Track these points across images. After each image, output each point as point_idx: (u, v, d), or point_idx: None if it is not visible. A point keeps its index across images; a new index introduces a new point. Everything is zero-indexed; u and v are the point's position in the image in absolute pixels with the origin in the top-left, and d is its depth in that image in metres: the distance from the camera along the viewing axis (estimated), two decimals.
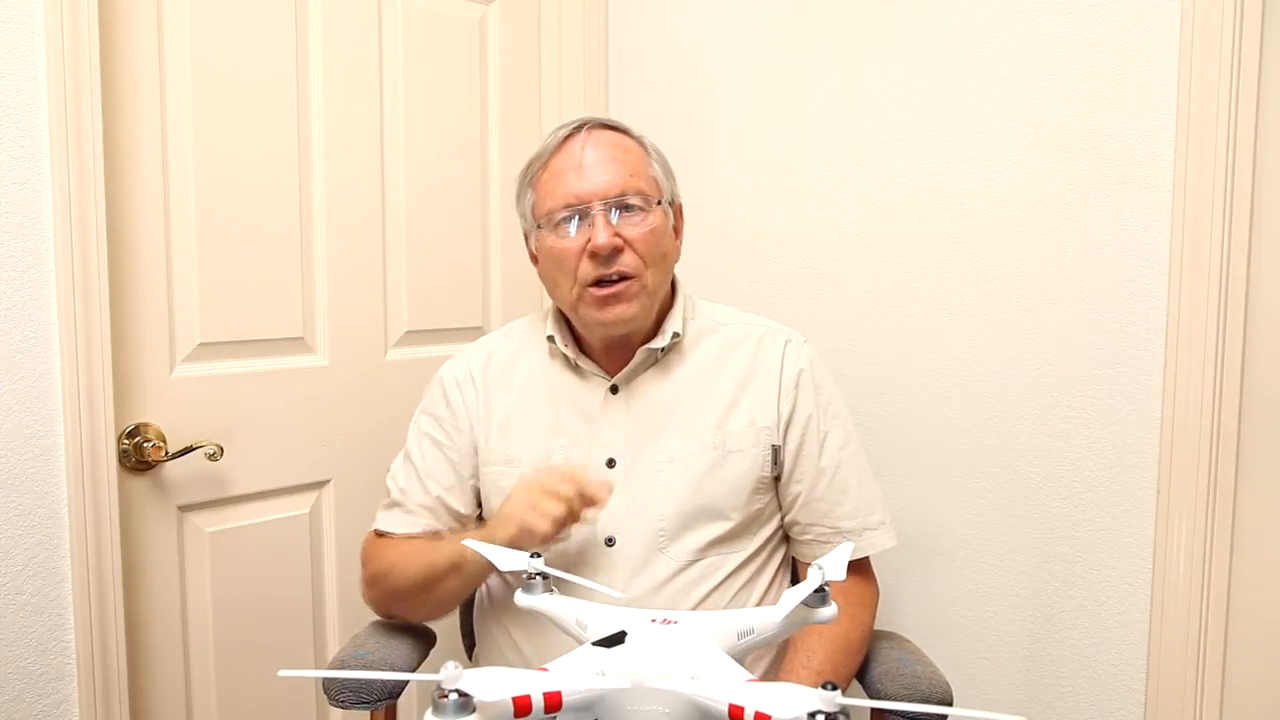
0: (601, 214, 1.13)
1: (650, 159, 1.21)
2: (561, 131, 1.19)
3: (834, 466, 1.20)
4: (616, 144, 1.18)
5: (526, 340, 1.28)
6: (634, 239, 1.14)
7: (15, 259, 1.21)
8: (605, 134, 1.19)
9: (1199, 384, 1.33)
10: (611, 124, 1.21)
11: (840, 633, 1.15)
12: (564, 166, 1.16)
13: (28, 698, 1.25)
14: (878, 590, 1.26)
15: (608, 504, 1.09)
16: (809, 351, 1.24)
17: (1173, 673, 1.38)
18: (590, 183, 1.14)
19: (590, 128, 1.18)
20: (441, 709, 0.60)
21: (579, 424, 1.20)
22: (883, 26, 1.57)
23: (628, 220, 1.14)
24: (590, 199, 1.14)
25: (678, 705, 0.67)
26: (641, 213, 1.15)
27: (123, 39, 1.32)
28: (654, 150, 1.22)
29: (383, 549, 1.23)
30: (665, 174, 1.22)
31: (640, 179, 1.17)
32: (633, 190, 1.15)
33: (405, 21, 1.64)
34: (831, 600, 0.79)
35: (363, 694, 1.13)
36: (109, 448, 1.29)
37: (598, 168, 1.15)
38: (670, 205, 1.22)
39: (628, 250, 1.14)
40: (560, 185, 1.16)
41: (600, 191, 1.14)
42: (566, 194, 1.15)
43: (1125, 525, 1.42)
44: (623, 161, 1.16)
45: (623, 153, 1.17)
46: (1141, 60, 1.36)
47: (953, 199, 1.52)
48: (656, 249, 1.16)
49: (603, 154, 1.16)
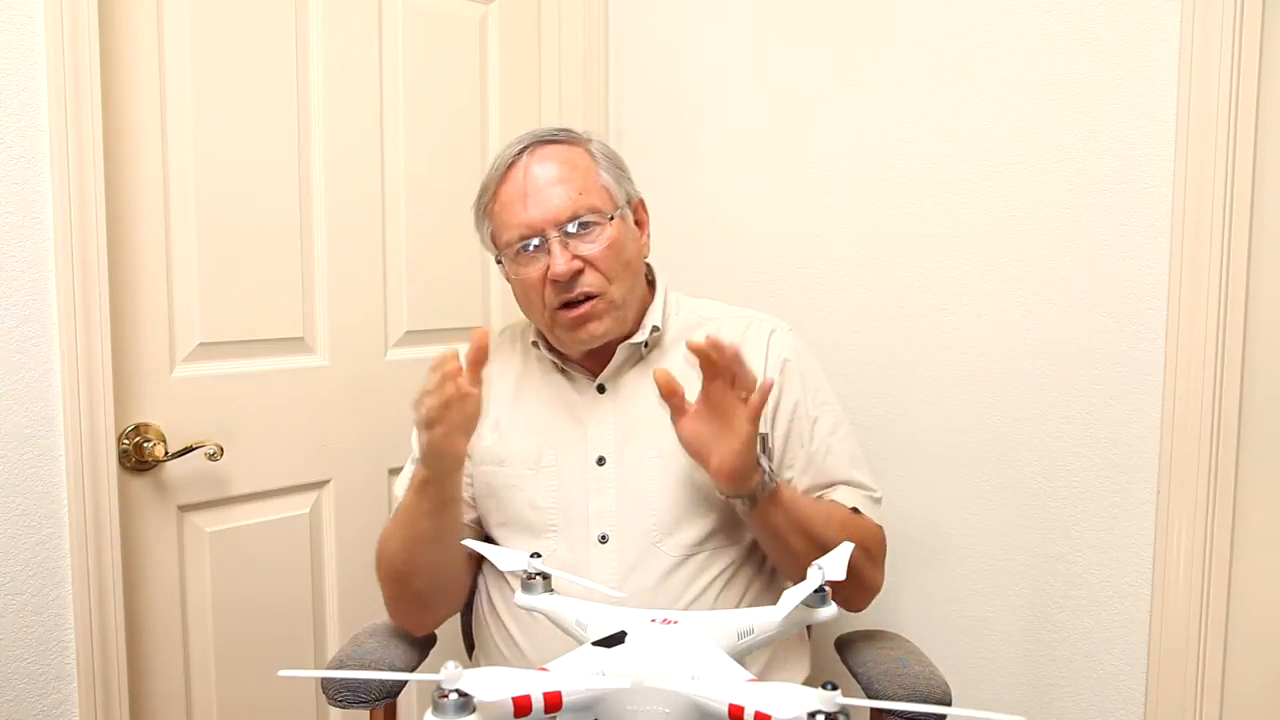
0: (557, 240, 1.12)
1: (598, 167, 1.18)
2: (505, 155, 1.17)
3: (824, 451, 1.21)
4: (563, 160, 1.16)
5: (513, 345, 1.30)
6: (594, 257, 1.13)
7: (15, 259, 1.21)
8: (549, 150, 1.16)
9: (1199, 384, 1.33)
10: (554, 137, 1.18)
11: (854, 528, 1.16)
12: (512, 196, 1.15)
13: (28, 698, 1.24)
14: (885, 541, 1.24)
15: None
16: (794, 339, 1.25)
17: (1173, 673, 1.38)
18: (541, 209, 1.13)
19: (533, 149, 1.16)
20: (441, 709, 0.60)
21: (568, 424, 1.20)
22: (883, 25, 1.57)
23: (585, 239, 1.14)
24: (543, 227, 1.13)
25: (678, 705, 0.67)
26: (598, 228, 1.14)
27: (123, 39, 1.32)
28: (602, 154, 1.20)
29: (379, 542, 1.22)
30: (617, 178, 1.19)
31: (591, 194, 1.15)
32: (584, 209, 1.14)
33: (405, 21, 1.64)
34: (831, 600, 0.79)
35: (361, 694, 1.13)
36: (109, 448, 1.29)
37: (546, 192, 1.13)
38: (628, 206, 1.20)
39: (588, 270, 1.14)
40: (512, 216, 1.15)
41: (551, 217, 1.13)
42: (519, 225, 1.14)
43: (1125, 525, 1.42)
44: (570, 180, 1.14)
45: (569, 170, 1.15)
46: (1141, 60, 1.36)
47: (952, 199, 1.52)
48: (618, 261, 1.16)
49: (550, 174, 1.14)
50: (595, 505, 1.17)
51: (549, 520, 1.18)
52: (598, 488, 1.18)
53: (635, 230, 1.22)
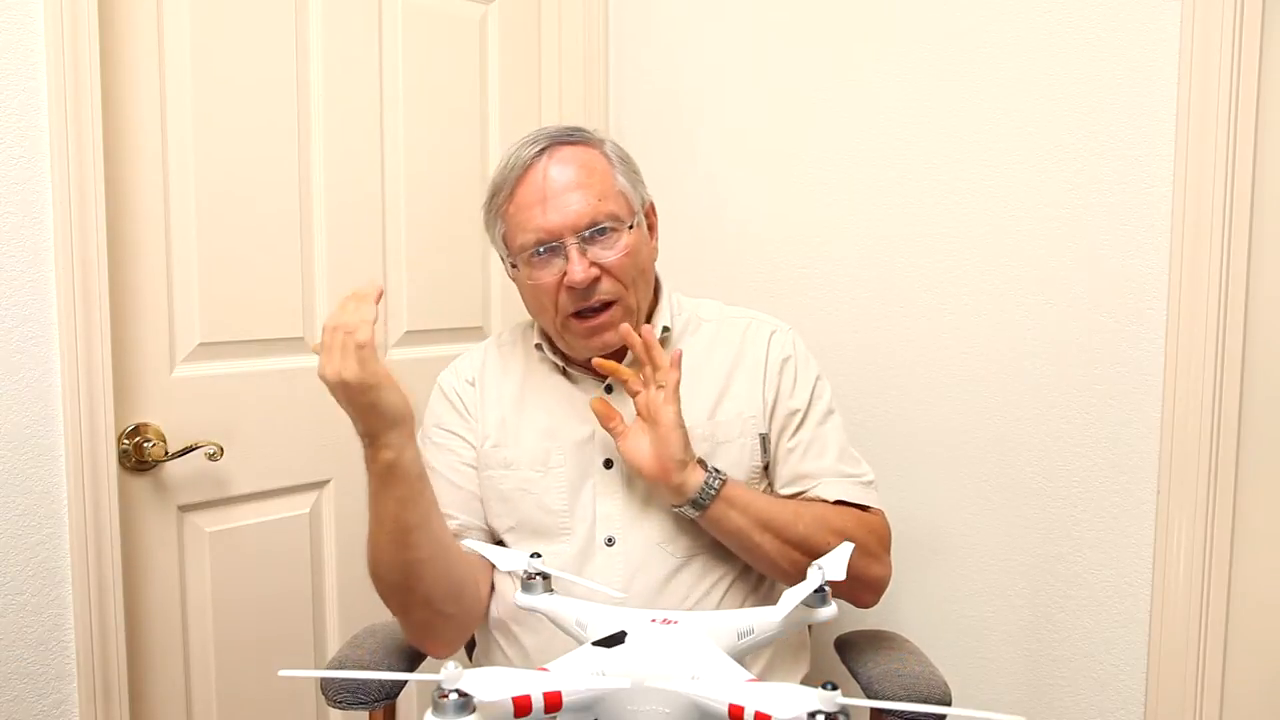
0: (575, 247, 1.11)
1: (615, 170, 1.16)
2: (522, 154, 1.14)
3: (810, 439, 1.21)
4: (581, 163, 1.14)
5: (516, 347, 1.28)
6: (611, 265, 1.12)
7: (15, 259, 1.21)
8: (567, 152, 1.14)
9: (1199, 384, 1.33)
10: (571, 137, 1.16)
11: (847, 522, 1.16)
12: (530, 199, 1.12)
13: (28, 698, 1.25)
14: (888, 526, 1.22)
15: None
16: (794, 339, 1.25)
17: (1173, 673, 1.38)
18: (560, 214, 1.11)
19: (551, 150, 1.14)
20: (441, 709, 0.60)
21: (576, 426, 1.19)
22: (883, 25, 1.57)
23: (602, 245, 1.12)
24: (562, 233, 1.11)
25: (678, 705, 0.67)
26: (615, 234, 1.13)
27: (123, 39, 1.32)
28: (617, 156, 1.18)
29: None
30: (633, 182, 1.18)
31: (609, 200, 1.13)
32: (604, 215, 1.12)
33: (405, 21, 1.64)
34: (831, 600, 0.79)
35: (361, 694, 1.13)
36: (109, 448, 1.29)
37: (566, 197, 1.11)
38: (642, 212, 1.19)
39: (605, 277, 1.12)
40: (529, 219, 1.12)
41: (570, 224, 1.11)
42: (537, 229, 1.12)
43: (1125, 525, 1.42)
44: (589, 185, 1.12)
45: (588, 174, 1.13)
46: (1141, 60, 1.36)
47: (952, 199, 1.52)
48: (634, 268, 1.15)
49: (569, 178, 1.12)
50: (603, 508, 1.17)
51: (560, 523, 1.17)
52: (605, 490, 1.17)
53: (647, 235, 1.21)
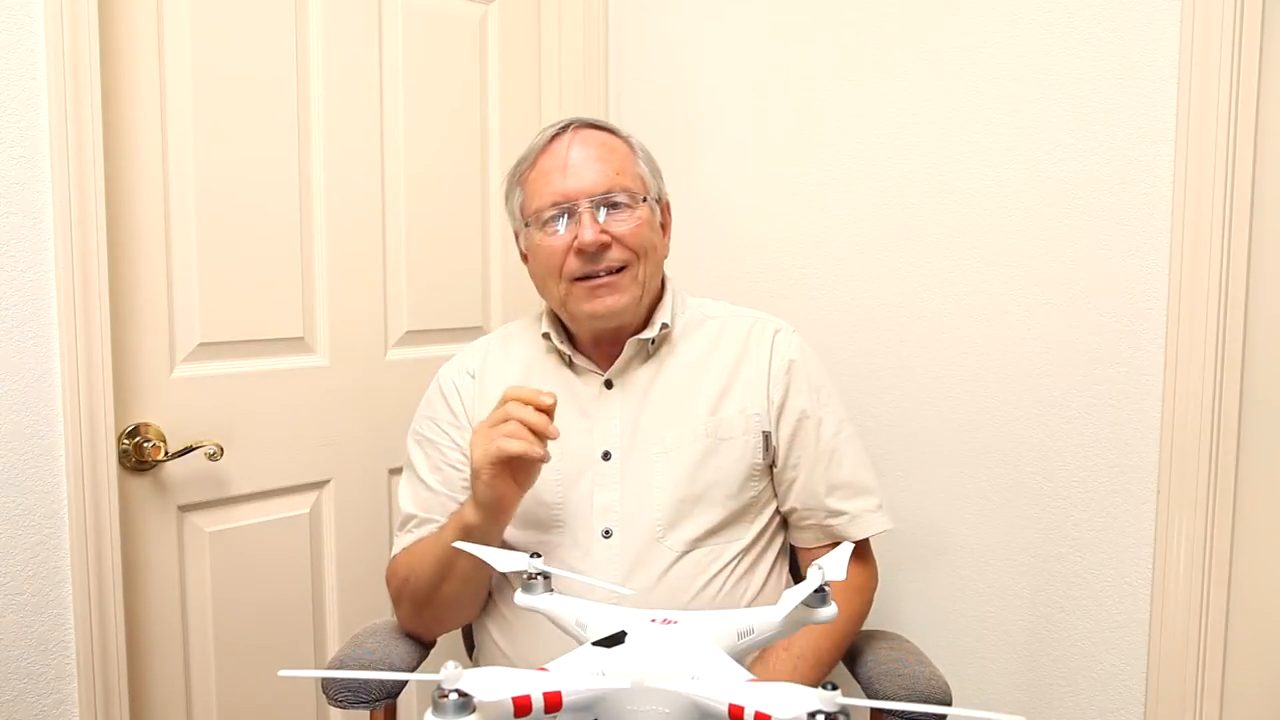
0: (588, 211, 1.15)
1: (637, 157, 1.22)
2: (549, 131, 1.21)
3: (829, 452, 1.22)
4: (603, 143, 1.20)
5: (520, 340, 1.30)
6: (622, 234, 1.16)
7: (15, 259, 1.21)
8: (592, 133, 1.21)
9: (1199, 384, 1.33)
10: (598, 124, 1.23)
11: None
12: (551, 166, 1.18)
13: (28, 698, 1.24)
14: (876, 575, 1.26)
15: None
16: (798, 341, 1.26)
17: (1173, 673, 1.38)
18: (577, 181, 1.16)
19: (577, 127, 1.21)
20: (441, 709, 0.60)
21: (575, 419, 1.20)
22: (883, 26, 1.57)
23: (615, 217, 1.16)
24: (577, 197, 1.16)
25: (678, 705, 0.67)
26: (628, 209, 1.17)
27: (123, 39, 1.32)
28: (641, 149, 1.24)
29: (399, 563, 1.23)
30: (652, 172, 1.24)
31: (626, 176, 1.19)
32: (619, 188, 1.17)
33: (405, 21, 1.64)
34: (832, 600, 0.79)
35: (361, 694, 1.13)
36: (109, 448, 1.29)
37: (584, 166, 1.17)
38: (657, 203, 1.23)
39: (615, 245, 1.16)
40: (547, 184, 1.18)
41: (587, 189, 1.16)
42: (553, 193, 1.17)
43: (1125, 525, 1.41)
44: (609, 160, 1.18)
45: (609, 152, 1.19)
46: (1141, 60, 1.36)
47: (953, 199, 1.52)
48: (645, 241, 1.18)
49: (589, 153, 1.18)
50: (600, 500, 1.17)
51: (555, 515, 1.18)
52: (603, 482, 1.18)
53: (660, 228, 1.24)
